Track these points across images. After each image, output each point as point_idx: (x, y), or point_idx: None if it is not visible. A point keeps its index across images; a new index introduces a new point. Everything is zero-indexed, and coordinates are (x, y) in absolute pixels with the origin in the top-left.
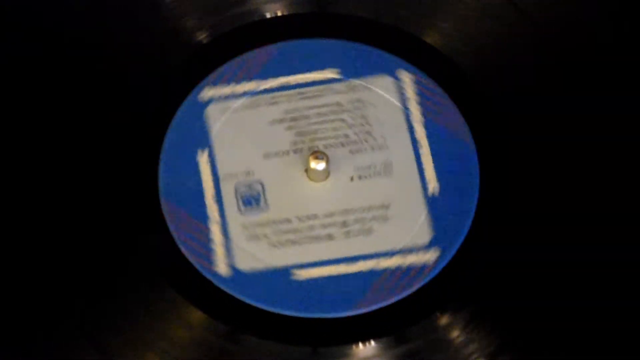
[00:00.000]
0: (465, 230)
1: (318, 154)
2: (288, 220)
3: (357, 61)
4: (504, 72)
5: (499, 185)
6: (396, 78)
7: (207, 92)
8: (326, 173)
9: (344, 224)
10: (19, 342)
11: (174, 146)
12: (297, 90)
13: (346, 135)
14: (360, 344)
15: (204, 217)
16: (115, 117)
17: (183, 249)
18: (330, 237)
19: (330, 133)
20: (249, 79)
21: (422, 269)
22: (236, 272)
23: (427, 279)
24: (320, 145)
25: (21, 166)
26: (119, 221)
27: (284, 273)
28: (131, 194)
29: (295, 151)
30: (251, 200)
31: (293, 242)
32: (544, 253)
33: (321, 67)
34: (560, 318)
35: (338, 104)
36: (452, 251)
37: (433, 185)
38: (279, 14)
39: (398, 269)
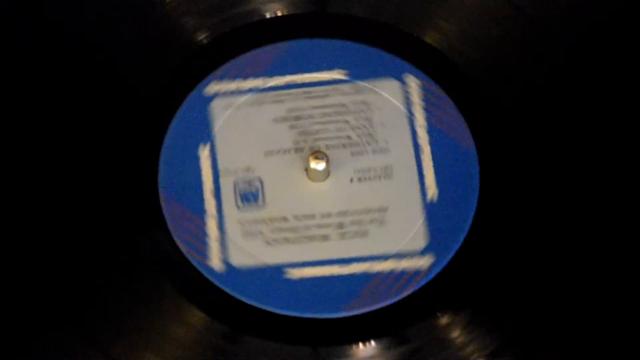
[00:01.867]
0: (464, 234)
1: (318, 154)
2: (285, 219)
3: (365, 63)
4: (505, 73)
5: (499, 184)
6: (403, 82)
7: (213, 87)
8: (326, 173)
9: (340, 225)
10: (19, 342)
11: (176, 139)
12: (304, 89)
13: (348, 137)
14: (361, 344)
15: (201, 211)
16: (115, 117)
17: (179, 243)
18: (325, 237)
19: (333, 134)
20: (256, 75)
21: (415, 274)
22: (230, 267)
23: (419, 285)
24: (322, 145)
25: (21, 164)
26: (118, 218)
27: (277, 271)
28: (131, 193)
29: (296, 150)
30: (249, 196)
31: (288, 241)
32: (544, 253)
33: (329, 67)
34: (560, 318)
35: (343, 105)
36: (449, 256)
37: (432, 191)
38: (279, 14)
39: (391, 272)
